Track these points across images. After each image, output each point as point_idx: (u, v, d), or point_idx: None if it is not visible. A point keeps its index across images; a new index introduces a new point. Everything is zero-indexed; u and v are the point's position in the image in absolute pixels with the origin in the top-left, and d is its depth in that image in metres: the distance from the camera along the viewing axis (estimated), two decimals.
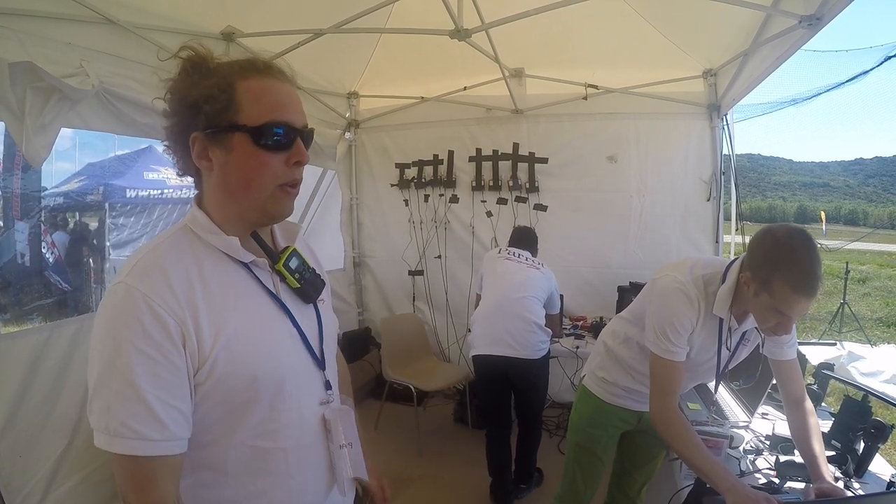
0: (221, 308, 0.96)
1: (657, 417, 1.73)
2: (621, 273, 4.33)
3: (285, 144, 0.99)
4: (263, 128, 0.96)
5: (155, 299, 0.89)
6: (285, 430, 1.03)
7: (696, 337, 1.77)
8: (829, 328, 7.58)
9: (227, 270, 1.01)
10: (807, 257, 1.47)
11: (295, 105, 1.02)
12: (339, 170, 5.06)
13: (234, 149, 0.97)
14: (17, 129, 2.12)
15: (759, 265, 1.54)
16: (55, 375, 2.34)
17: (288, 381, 1.02)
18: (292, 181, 1.01)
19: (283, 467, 1.03)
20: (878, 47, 4.24)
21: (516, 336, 3.16)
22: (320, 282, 1.15)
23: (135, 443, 0.86)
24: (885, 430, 1.84)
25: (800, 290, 1.46)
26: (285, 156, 0.99)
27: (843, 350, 2.81)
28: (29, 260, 9.11)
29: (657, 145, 4.36)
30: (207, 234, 1.01)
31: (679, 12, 3.43)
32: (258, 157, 0.97)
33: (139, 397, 0.86)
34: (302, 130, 1.01)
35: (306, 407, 1.07)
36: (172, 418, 0.89)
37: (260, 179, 0.98)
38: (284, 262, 1.08)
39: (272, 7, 3.11)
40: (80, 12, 2.37)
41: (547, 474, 3.56)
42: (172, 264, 0.95)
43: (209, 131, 0.96)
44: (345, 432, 1.13)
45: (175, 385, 0.90)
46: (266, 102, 0.98)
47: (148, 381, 0.87)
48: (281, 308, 1.06)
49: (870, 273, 15.91)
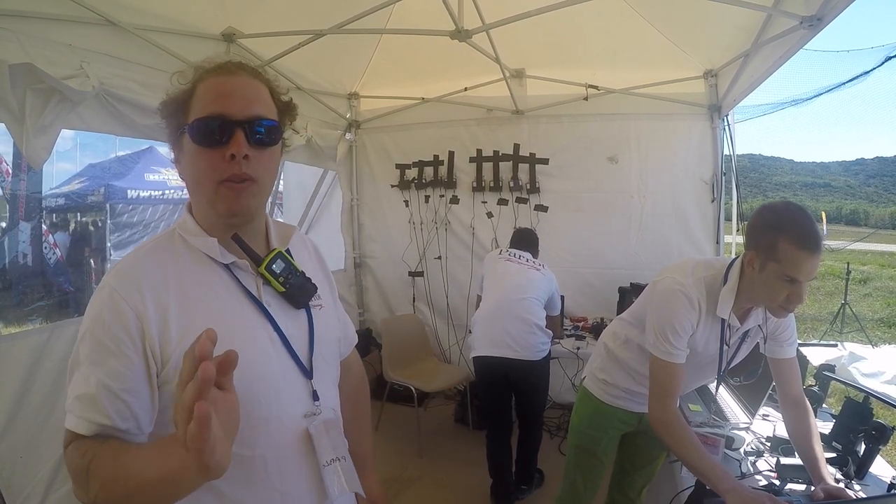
0: (193, 308, 0.96)
1: (656, 419, 1.74)
2: (622, 274, 4.32)
3: (219, 137, 0.95)
4: (195, 123, 0.96)
5: (121, 293, 0.92)
6: (263, 438, 0.99)
7: (696, 338, 1.77)
8: (830, 329, 7.57)
9: (207, 273, 1.01)
10: (805, 217, 1.52)
11: (237, 95, 0.97)
12: (340, 170, 5.07)
13: (184, 150, 1.00)
14: (18, 130, 2.12)
15: (761, 235, 1.58)
16: (55, 377, 2.33)
17: (262, 386, 0.99)
18: (231, 176, 0.95)
19: (262, 476, 0.99)
20: (879, 47, 4.23)
21: (517, 337, 3.16)
22: (311, 286, 1.11)
23: (79, 421, 0.89)
24: (886, 432, 1.84)
25: (805, 246, 1.48)
26: (223, 150, 0.95)
27: (845, 351, 2.81)
28: (31, 260, 9.13)
29: (658, 146, 4.36)
30: (191, 237, 1.03)
31: (680, 13, 3.42)
32: (196, 154, 0.96)
33: (87, 384, 0.89)
34: (244, 121, 0.96)
35: (287, 417, 1.03)
36: (117, 411, 0.89)
37: (201, 177, 0.98)
38: (267, 266, 1.05)
39: (273, 8, 3.11)
40: (81, 13, 2.37)
41: (548, 475, 3.55)
42: (149, 265, 0.97)
43: (177, 134, 1.00)
44: (334, 447, 1.08)
45: (124, 377, 0.90)
46: (206, 98, 0.97)
47: (98, 370, 0.89)
48: (261, 312, 1.03)
49: (871, 273, 15.88)
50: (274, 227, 1.16)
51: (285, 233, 1.17)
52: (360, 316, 5.40)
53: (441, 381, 4.22)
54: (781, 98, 4.63)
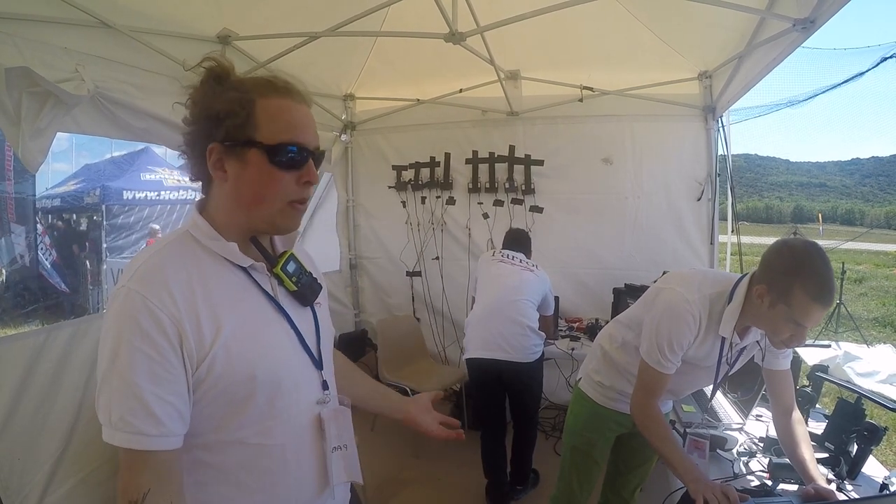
0: (220, 309, 1.00)
1: (637, 411, 1.82)
2: (617, 274, 4.33)
3: (298, 164, 1.03)
4: (279, 147, 1.01)
5: (153, 300, 0.93)
6: (283, 427, 1.06)
7: (693, 352, 1.79)
8: (825, 328, 7.59)
9: (227, 274, 1.05)
10: (825, 267, 1.50)
11: (310, 127, 1.07)
12: (336, 172, 5.08)
13: (248, 163, 1.01)
14: (14, 133, 2.12)
15: (777, 276, 1.56)
16: (52, 378, 2.33)
17: (285, 378, 1.06)
18: (301, 199, 1.06)
19: (280, 464, 1.06)
20: (874, 47, 4.26)
21: (509, 339, 3.17)
22: (317, 285, 1.20)
23: (132, 437, 0.90)
24: (879, 433, 1.85)
25: (818, 299, 1.49)
26: (297, 174, 1.03)
27: (840, 350, 2.82)
28: (27, 262, 9.12)
29: (652, 147, 4.37)
30: (208, 240, 1.05)
31: (674, 15, 3.43)
32: (271, 173, 1.02)
33: (135, 394, 0.90)
34: (314, 152, 1.06)
35: (304, 404, 1.11)
36: (167, 414, 0.92)
37: (271, 195, 1.03)
38: (282, 266, 1.12)
39: (268, 10, 3.11)
40: (76, 16, 2.37)
41: (543, 475, 3.56)
42: (173, 268, 0.99)
43: (227, 144, 1.01)
44: (339, 434, 1.16)
45: (171, 382, 0.93)
46: (283, 122, 1.02)
47: (144, 378, 0.91)
48: (278, 310, 1.10)
49: (866, 273, 15.95)
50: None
51: (290, 235, 1.21)
52: (355, 317, 5.41)
53: (436, 381, 4.22)
54: (777, 99, 4.66)
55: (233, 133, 1.00)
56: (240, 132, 1.00)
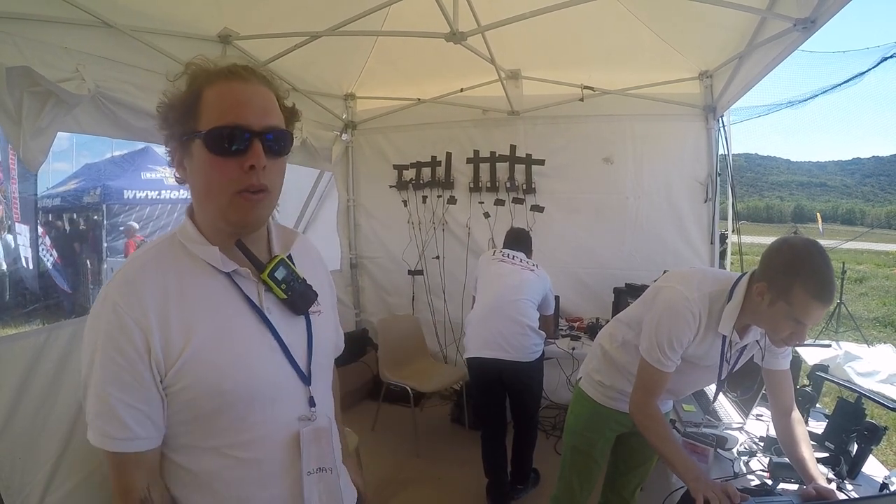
0: (194, 317, 0.97)
1: (636, 410, 1.82)
2: (617, 274, 4.33)
3: (239, 149, 0.94)
4: (213, 132, 0.94)
5: (124, 308, 0.93)
6: (260, 442, 1.02)
7: (693, 350, 1.78)
8: (825, 328, 7.59)
9: (207, 280, 1.01)
10: (825, 266, 1.50)
11: (254, 105, 0.96)
12: (336, 171, 5.07)
13: (193, 156, 0.97)
14: (15, 133, 2.12)
15: (777, 274, 1.56)
16: (52, 378, 2.34)
17: (260, 392, 1.01)
18: (249, 187, 0.95)
19: (256, 478, 1.02)
20: (874, 48, 4.25)
21: (509, 339, 3.17)
22: (312, 293, 1.12)
23: (104, 439, 0.94)
24: (879, 432, 1.85)
25: (819, 297, 1.49)
26: (240, 160, 0.94)
27: (840, 350, 2.82)
28: (30, 261, 9.12)
29: (653, 147, 4.37)
30: (192, 244, 1.02)
31: (674, 14, 3.44)
32: (211, 163, 0.95)
33: (104, 399, 0.92)
34: (261, 132, 0.96)
35: (283, 421, 1.05)
36: (134, 418, 0.94)
37: (216, 186, 0.96)
38: (270, 273, 1.05)
39: (269, 9, 3.11)
40: (77, 16, 2.37)
41: (544, 475, 3.56)
42: (151, 274, 0.98)
43: (182, 140, 0.98)
44: (320, 455, 1.08)
45: (137, 389, 0.93)
46: (221, 106, 0.95)
47: (112, 385, 0.92)
48: (262, 320, 1.04)
49: (867, 273, 15.93)
50: (276, 232, 1.15)
51: (287, 238, 1.16)
52: (356, 316, 5.41)
53: (437, 381, 4.22)
54: (778, 100, 4.66)
55: (181, 128, 0.97)
56: (186, 126, 0.96)
